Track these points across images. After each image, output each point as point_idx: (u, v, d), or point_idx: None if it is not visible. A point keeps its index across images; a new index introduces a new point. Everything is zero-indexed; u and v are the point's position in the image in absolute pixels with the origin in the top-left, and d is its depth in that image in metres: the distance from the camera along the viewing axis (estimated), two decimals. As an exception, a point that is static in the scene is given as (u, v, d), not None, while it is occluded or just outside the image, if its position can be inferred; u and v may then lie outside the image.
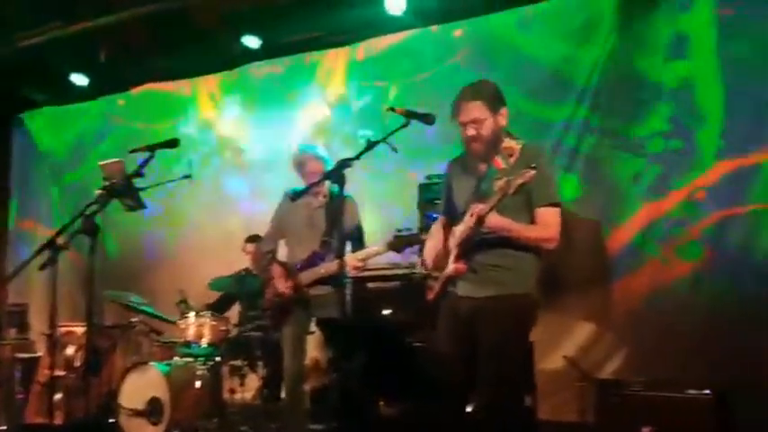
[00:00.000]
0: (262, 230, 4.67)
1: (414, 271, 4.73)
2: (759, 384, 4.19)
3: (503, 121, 3.10)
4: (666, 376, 4.18)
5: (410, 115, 3.20)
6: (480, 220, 2.92)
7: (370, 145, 3.16)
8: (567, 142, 5.14)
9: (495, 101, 3.09)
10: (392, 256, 4.45)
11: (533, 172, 2.78)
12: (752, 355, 4.33)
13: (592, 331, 4.96)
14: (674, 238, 4.81)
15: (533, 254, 3.10)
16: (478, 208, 2.92)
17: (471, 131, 3.06)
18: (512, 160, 3.04)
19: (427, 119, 3.20)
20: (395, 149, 3.21)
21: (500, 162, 3.06)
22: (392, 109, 3.23)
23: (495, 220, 2.95)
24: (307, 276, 4.22)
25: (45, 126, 7.63)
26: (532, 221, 3.05)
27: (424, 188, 5.05)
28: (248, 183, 6.60)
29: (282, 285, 4.23)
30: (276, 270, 4.30)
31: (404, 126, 3.20)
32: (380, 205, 5.63)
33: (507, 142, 3.10)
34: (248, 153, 6.69)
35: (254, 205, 6.34)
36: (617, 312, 4.91)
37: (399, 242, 4.02)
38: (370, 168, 5.30)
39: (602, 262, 4.96)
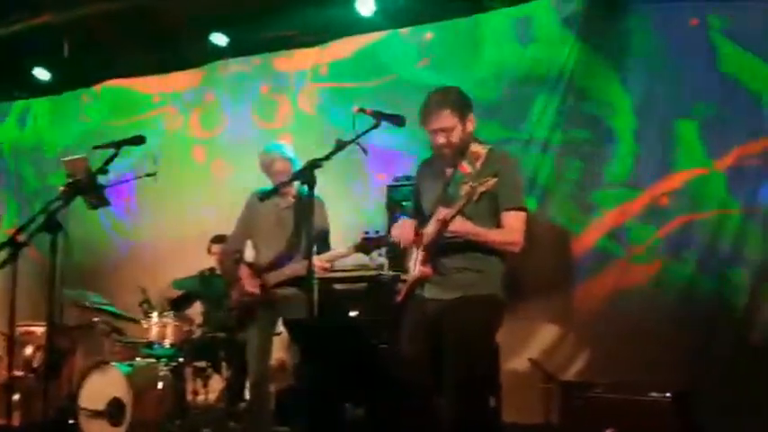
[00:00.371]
0: (227, 230, 4.64)
1: (381, 273, 4.75)
2: (720, 385, 4.28)
3: (471, 126, 3.14)
4: (629, 378, 4.25)
5: (380, 117, 3.20)
6: (445, 224, 2.95)
7: (340, 146, 3.15)
8: (532, 151, 5.23)
9: (462, 108, 3.13)
10: (360, 258, 4.46)
11: (495, 180, 2.82)
12: (712, 357, 4.43)
13: (556, 333, 5.01)
14: (636, 242, 4.89)
15: (498, 257, 3.14)
16: (444, 213, 2.97)
17: (441, 140, 3.10)
18: (478, 165, 3.07)
19: (397, 120, 3.21)
20: (365, 151, 3.21)
21: (466, 167, 3.10)
22: (362, 110, 3.23)
23: (459, 225, 3.00)
24: (273, 277, 4.20)
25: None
26: (498, 225, 3.09)
27: (392, 189, 5.06)
28: (213, 182, 6.55)
29: (249, 286, 4.21)
30: (243, 270, 4.27)
31: (374, 127, 3.20)
32: (349, 207, 5.64)
33: (474, 147, 3.15)
34: (214, 152, 6.64)
35: (219, 204, 6.30)
36: (580, 315, 4.97)
37: (367, 244, 4.03)
38: (339, 169, 5.21)
39: (567, 265, 5.03)
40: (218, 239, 5.52)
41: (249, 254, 4.46)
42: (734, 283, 4.54)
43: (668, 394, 3.93)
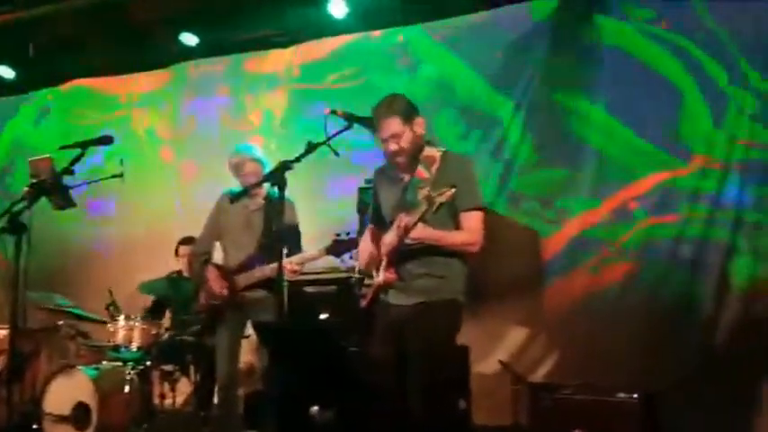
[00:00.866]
0: (196, 232, 4.61)
1: (352, 275, 4.75)
2: (687, 386, 4.35)
3: (420, 130, 3.20)
4: (597, 379, 4.31)
5: (352, 119, 3.24)
6: (406, 232, 3.02)
7: (311, 147, 3.19)
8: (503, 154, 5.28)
9: (408, 113, 3.18)
10: (330, 260, 4.47)
11: (453, 191, 2.88)
12: (679, 358, 4.50)
13: (526, 335, 5.05)
14: (606, 244, 4.95)
15: (460, 259, 3.22)
16: (404, 221, 3.01)
17: (393, 146, 3.16)
18: (434, 169, 3.15)
19: (369, 123, 3.23)
20: (336, 153, 3.23)
21: (423, 172, 3.17)
22: (334, 112, 3.27)
23: (420, 232, 3.06)
24: (242, 279, 4.19)
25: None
26: (457, 226, 3.16)
27: (362, 192, 5.07)
28: (182, 183, 6.50)
29: (217, 288, 4.19)
30: (211, 273, 4.25)
31: (345, 129, 3.23)
32: (320, 208, 5.65)
33: (428, 151, 3.22)
34: (182, 153, 6.59)
35: (187, 206, 6.26)
36: (550, 316, 5.02)
37: (338, 246, 4.04)
38: (310, 171, 5.22)
39: (537, 267, 5.07)
40: (187, 241, 5.48)
41: (218, 256, 4.45)
42: (699, 286, 4.63)
43: (635, 395, 3.99)
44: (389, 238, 3.14)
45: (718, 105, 4.64)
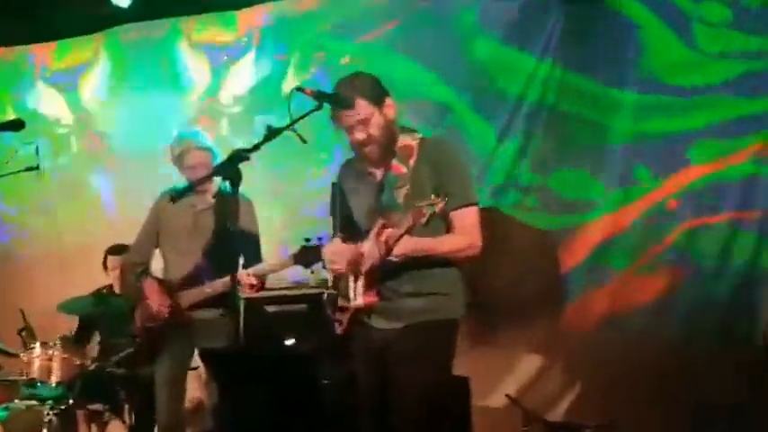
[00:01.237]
0: (129, 239, 4.63)
1: (325, 290, 4.61)
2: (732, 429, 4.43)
3: (391, 112, 3.22)
4: (625, 419, 4.37)
5: (323, 98, 3.20)
6: (389, 249, 3.03)
7: (272, 133, 3.14)
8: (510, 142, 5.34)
9: (376, 93, 3.21)
10: (298, 272, 4.52)
11: (445, 201, 2.88)
12: (724, 391, 4.54)
13: (539, 365, 5.10)
14: (638, 252, 5.00)
15: (455, 269, 3.26)
16: (386, 234, 3.02)
17: (360, 134, 3.17)
18: (411, 162, 3.19)
19: (345, 103, 3.22)
20: (303, 140, 3.22)
21: (399, 166, 3.20)
22: (300, 89, 3.21)
23: (404, 246, 3.05)
24: (189, 296, 4.23)
25: None
26: (448, 228, 3.20)
27: (337, 187, 5.08)
28: (113, 178, 6.52)
29: (158, 306, 4.21)
30: (149, 288, 4.28)
31: (315, 111, 3.20)
32: (284, 208, 5.69)
33: (403, 139, 3.25)
34: (114, 139, 6.58)
35: (119, 205, 6.29)
36: (569, 342, 5.06)
37: (307, 254, 4.05)
38: (272, 162, 5.35)
39: (553, 281, 5.11)
40: (117, 250, 5.49)
41: (157, 267, 4.48)
42: (752, 302, 4.70)
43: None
44: (367, 249, 3.16)
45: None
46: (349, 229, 3.38)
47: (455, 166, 3.23)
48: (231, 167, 3.11)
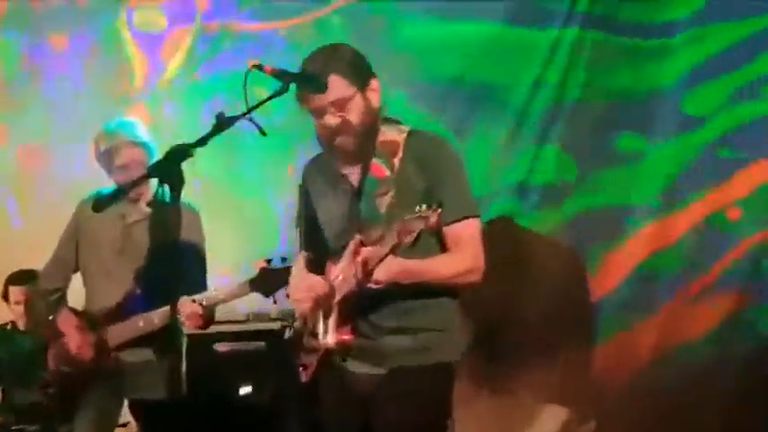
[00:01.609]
0: (40, 262, 4.60)
1: (288, 324, 4.44)
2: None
3: (375, 99, 3.20)
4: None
5: (288, 78, 3.10)
6: (367, 273, 2.99)
7: (223, 123, 3.03)
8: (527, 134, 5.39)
9: (359, 70, 3.18)
10: (256, 302, 4.51)
11: (437, 215, 2.82)
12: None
13: (564, 418, 5.12)
14: (691, 275, 5.05)
15: (451, 298, 3.24)
16: (365, 253, 2.99)
17: (332, 119, 3.13)
18: (396, 161, 3.16)
19: (315, 83, 3.14)
20: (262, 132, 3.16)
21: (381, 167, 3.18)
22: (258, 66, 3.16)
23: (388, 272, 3.02)
24: (117, 333, 4.23)
25: None
26: (443, 246, 3.17)
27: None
28: (19, 180, 6.41)
29: (76, 346, 4.21)
30: (66, 322, 4.29)
31: (278, 94, 3.08)
32: (238, 220, 5.67)
33: (386, 133, 3.23)
34: (21, 132, 6.44)
35: (27, 218, 6.21)
36: (602, 390, 5.09)
37: (268, 279, 4.07)
38: (223, 160, 5.39)
39: (583, 311, 5.15)
40: (21, 279, 5.51)
41: (76, 297, 4.46)
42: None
43: None
44: (340, 270, 3.15)
45: None
46: (317, 247, 3.37)
47: (451, 167, 3.20)
48: (171, 167, 3.00)
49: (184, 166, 2.95)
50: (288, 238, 5.08)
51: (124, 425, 4.41)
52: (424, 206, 2.81)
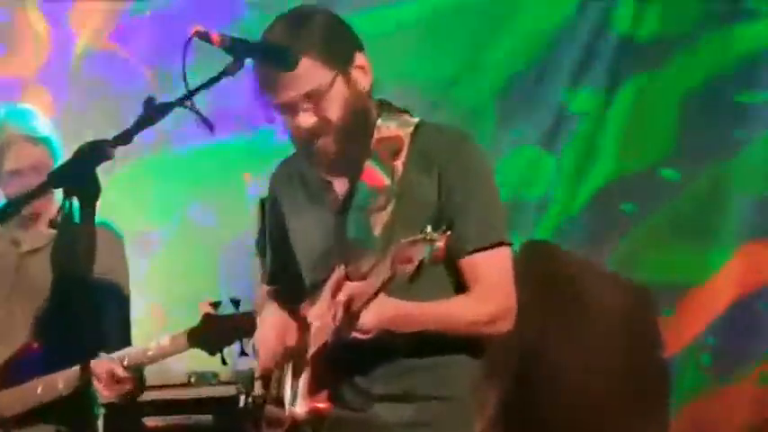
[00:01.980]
0: None
1: (244, 389, 4.73)
2: None
3: (363, 79, 3.19)
4: None
5: (242, 50, 3.01)
6: (352, 316, 2.93)
7: (153, 111, 2.90)
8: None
9: (338, 44, 3.17)
10: (198, 360, 4.39)
11: (445, 239, 2.74)
12: None
13: None
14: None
15: (467, 354, 3.20)
16: (348, 291, 2.96)
17: (308, 118, 3.10)
18: (398, 165, 3.15)
19: (282, 57, 3.07)
20: (208, 124, 2.94)
21: (377, 173, 3.17)
22: (203, 35, 2.98)
23: (378, 315, 2.96)
24: (7, 403, 4.15)
25: None
26: (461, 283, 3.13)
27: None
28: None
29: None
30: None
31: (228, 74, 2.97)
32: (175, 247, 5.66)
33: (385, 127, 3.25)
34: None
35: None
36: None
37: (213, 328, 3.93)
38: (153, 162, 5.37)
39: (653, 370, 5.04)
40: None
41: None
42: None
43: None
44: (316, 319, 3.14)
45: None
46: (287, 281, 3.43)
47: (475, 174, 3.19)
48: (83, 173, 2.82)
49: (100, 171, 2.70)
50: (243, 271, 5.07)
51: None
52: (429, 227, 2.75)
